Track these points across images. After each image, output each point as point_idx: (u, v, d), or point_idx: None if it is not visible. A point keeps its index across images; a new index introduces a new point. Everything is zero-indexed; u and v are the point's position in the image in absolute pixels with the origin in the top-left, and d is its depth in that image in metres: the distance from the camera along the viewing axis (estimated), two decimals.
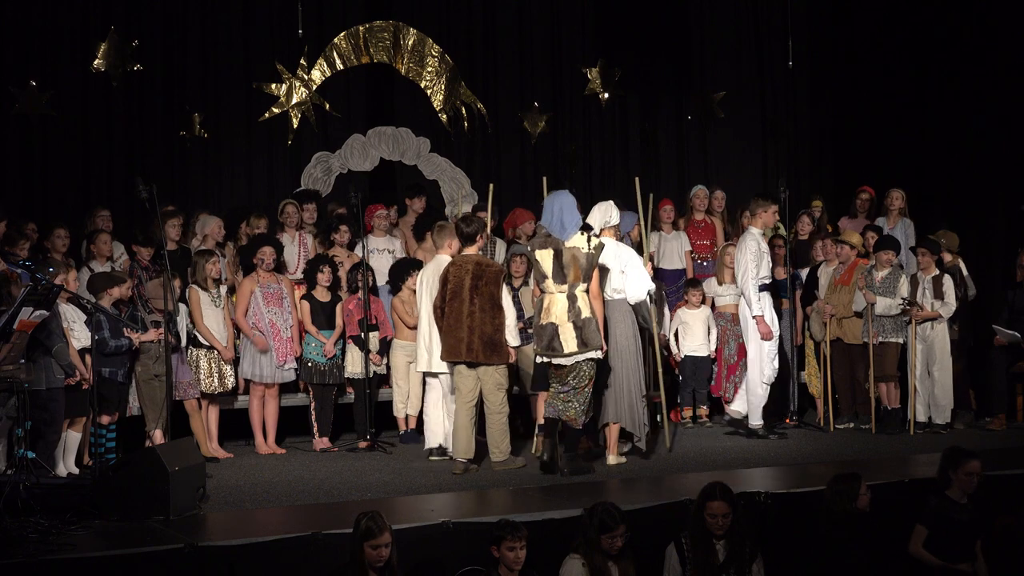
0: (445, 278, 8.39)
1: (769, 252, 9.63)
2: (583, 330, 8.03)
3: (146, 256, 9.35)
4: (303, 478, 8.26)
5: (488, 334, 8.24)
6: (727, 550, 6.19)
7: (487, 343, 8.25)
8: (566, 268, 8.09)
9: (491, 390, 8.34)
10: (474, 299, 8.25)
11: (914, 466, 8.20)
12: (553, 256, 8.13)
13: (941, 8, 12.28)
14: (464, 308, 8.24)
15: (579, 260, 8.07)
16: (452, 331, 8.28)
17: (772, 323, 9.48)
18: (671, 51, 13.29)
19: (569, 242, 8.12)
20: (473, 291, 8.25)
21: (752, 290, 9.43)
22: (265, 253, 9.44)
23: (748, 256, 9.45)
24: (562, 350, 8.07)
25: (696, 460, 8.74)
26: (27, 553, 5.79)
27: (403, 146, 12.27)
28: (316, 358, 9.50)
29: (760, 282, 9.45)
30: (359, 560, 5.61)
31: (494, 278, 8.30)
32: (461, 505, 7.28)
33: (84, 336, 8.12)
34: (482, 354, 8.25)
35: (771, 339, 9.47)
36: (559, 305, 8.10)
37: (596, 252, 8.09)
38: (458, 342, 8.26)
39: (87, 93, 11.01)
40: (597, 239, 8.19)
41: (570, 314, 8.05)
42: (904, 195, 10.98)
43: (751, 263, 9.43)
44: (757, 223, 9.65)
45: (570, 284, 8.10)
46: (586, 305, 8.07)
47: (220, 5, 11.59)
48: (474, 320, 8.23)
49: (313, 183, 11.77)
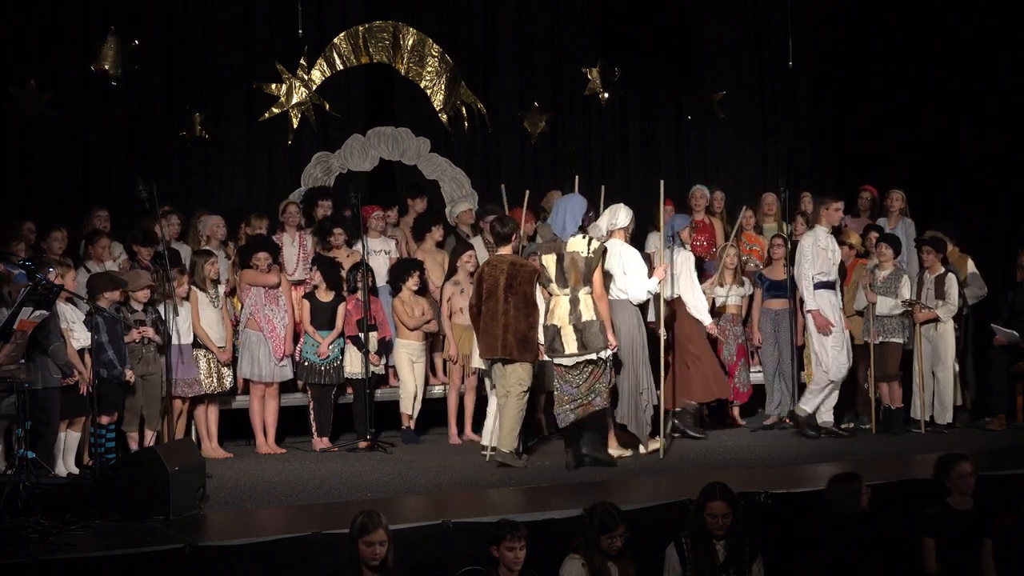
0: (480, 278, 8.68)
1: (832, 250, 9.63)
2: (584, 332, 8.19)
3: (146, 256, 9.35)
4: (303, 478, 8.26)
5: (522, 332, 8.52)
6: (727, 550, 6.18)
7: (520, 340, 8.51)
8: (567, 272, 8.27)
9: (512, 384, 8.56)
10: (508, 298, 8.52)
11: (914, 466, 8.20)
12: (556, 260, 8.33)
13: (941, 8, 12.28)
14: (499, 307, 8.52)
15: (578, 264, 8.24)
16: (489, 329, 8.57)
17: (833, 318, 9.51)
18: (671, 51, 13.29)
19: (570, 246, 8.31)
20: (508, 290, 8.52)
21: (807, 285, 9.51)
22: (260, 259, 9.41)
23: (806, 252, 9.55)
24: (563, 351, 8.25)
25: (696, 460, 8.73)
26: (27, 553, 5.80)
27: (403, 146, 12.27)
28: (314, 358, 9.50)
29: (818, 279, 9.52)
30: (356, 558, 5.61)
31: (528, 277, 8.56)
32: (461, 505, 7.28)
33: (84, 336, 8.13)
34: (516, 351, 8.51)
35: (828, 333, 9.48)
36: (562, 308, 8.28)
37: (596, 256, 8.24)
38: (494, 340, 8.54)
39: (87, 93, 11.01)
40: (598, 242, 8.32)
41: (571, 317, 8.23)
42: (904, 195, 10.98)
43: (808, 259, 9.52)
44: (822, 220, 9.69)
45: (572, 287, 8.27)
46: (589, 308, 8.23)
47: (220, 5, 11.59)
48: (508, 318, 8.50)
49: (313, 183, 11.76)
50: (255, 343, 9.36)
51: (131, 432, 8.71)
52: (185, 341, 9.01)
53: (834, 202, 9.74)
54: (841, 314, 9.70)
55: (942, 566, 6.58)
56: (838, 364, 9.58)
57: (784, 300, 10.20)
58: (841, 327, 9.63)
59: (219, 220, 10.07)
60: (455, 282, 9.83)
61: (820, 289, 9.58)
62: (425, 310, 9.85)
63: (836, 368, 9.58)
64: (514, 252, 8.80)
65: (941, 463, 6.78)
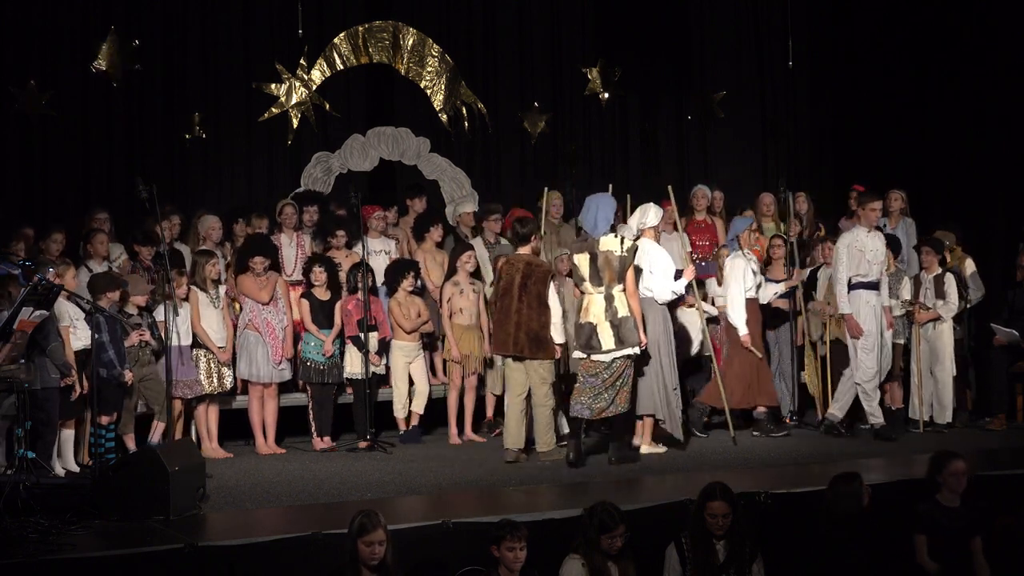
0: (498, 276, 8.95)
1: (872, 250, 9.55)
2: (620, 328, 8.41)
3: (147, 256, 9.36)
4: (303, 478, 8.26)
5: (534, 330, 8.68)
6: (727, 550, 6.18)
7: (533, 339, 8.69)
8: (601, 270, 8.49)
9: (536, 384, 8.74)
10: (523, 297, 8.71)
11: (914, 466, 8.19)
12: (589, 259, 8.54)
13: (941, 8, 12.28)
14: (513, 304, 8.72)
15: (612, 263, 8.46)
16: (502, 326, 8.79)
17: (867, 321, 9.44)
18: (671, 51, 13.29)
19: (603, 245, 8.52)
20: (522, 289, 8.72)
21: (841, 289, 9.47)
22: (256, 263, 9.40)
23: (841, 254, 9.51)
24: (600, 347, 8.45)
25: (696, 460, 8.74)
26: (27, 553, 5.80)
27: (403, 146, 12.27)
28: (315, 357, 9.50)
29: (856, 280, 9.46)
30: (355, 558, 5.61)
31: (542, 277, 8.76)
32: (461, 505, 7.28)
33: (85, 335, 8.13)
34: (528, 349, 8.70)
35: (859, 336, 9.44)
36: (597, 305, 8.48)
37: (629, 255, 8.48)
38: (507, 336, 8.74)
39: (87, 93, 11.01)
40: (631, 241, 8.56)
41: (607, 313, 8.44)
42: (904, 196, 10.97)
43: (843, 261, 9.48)
44: (861, 220, 9.64)
45: (606, 285, 8.48)
46: (623, 305, 8.45)
47: (220, 5, 11.59)
48: (521, 316, 8.69)
49: (313, 183, 11.77)
50: (253, 343, 9.36)
51: (127, 434, 8.71)
52: (185, 342, 9.00)
53: (871, 201, 9.63)
54: (884, 315, 9.60)
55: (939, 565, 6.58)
56: (864, 368, 9.49)
57: (783, 300, 10.19)
58: (878, 330, 9.51)
59: (216, 220, 10.06)
60: (455, 282, 9.83)
61: (858, 290, 9.47)
62: (421, 311, 9.84)
63: (863, 371, 9.49)
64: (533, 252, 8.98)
65: (935, 459, 6.79)
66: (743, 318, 9.62)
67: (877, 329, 9.53)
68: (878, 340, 9.53)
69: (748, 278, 9.70)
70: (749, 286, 9.71)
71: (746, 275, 9.69)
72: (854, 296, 9.50)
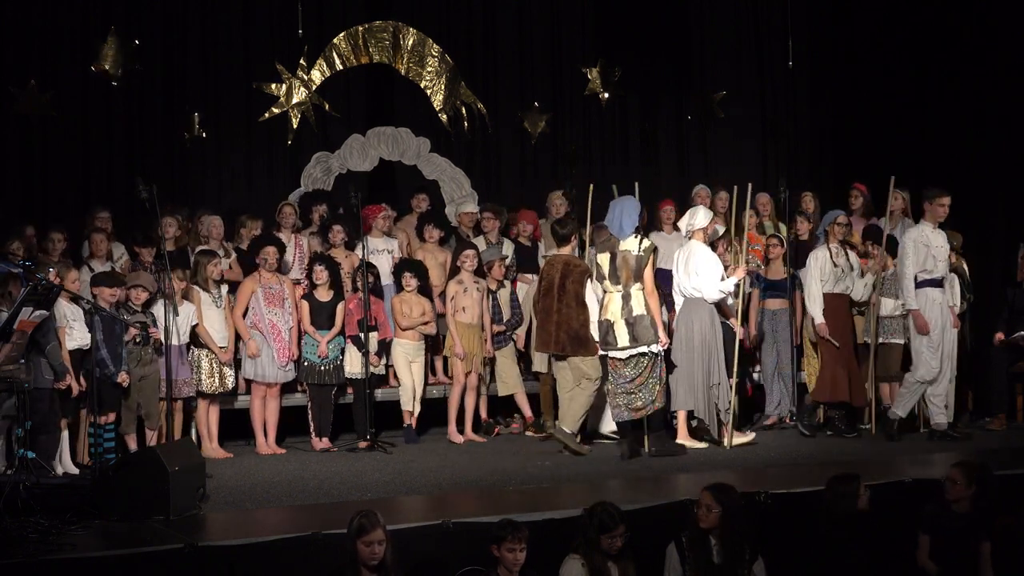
0: (540, 276, 9.32)
1: (938, 246, 9.49)
2: (634, 327, 8.70)
3: (147, 256, 9.36)
4: (303, 478, 8.26)
5: (574, 329, 8.99)
6: (727, 551, 6.18)
7: (572, 337, 9.00)
8: (619, 270, 8.79)
9: (581, 379, 9.05)
10: (562, 296, 9.03)
11: (914, 466, 8.21)
12: (610, 259, 8.86)
13: (941, 8, 12.27)
14: (553, 304, 9.05)
15: (629, 262, 8.76)
16: (543, 325, 9.15)
17: (933, 319, 9.37)
18: (671, 51, 13.28)
19: (623, 245, 8.81)
20: (561, 289, 9.03)
21: (908, 285, 9.40)
22: (269, 252, 9.44)
23: (908, 250, 9.43)
24: (616, 344, 8.76)
25: (696, 460, 8.74)
26: (27, 553, 5.79)
27: (403, 146, 12.27)
28: (313, 358, 9.50)
29: (922, 276, 9.40)
30: (354, 558, 5.61)
31: (579, 277, 9.05)
32: (461, 505, 7.28)
33: (81, 335, 8.13)
34: (568, 347, 9.03)
35: (927, 333, 9.37)
36: (614, 303, 8.80)
37: (646, 254, 8.77)
38: (548, 336, 9.09)
39: (87, 93, 11.01)
40: (648, 242, 8.88)
41: (623, 312, 8.74)
42: (905, 195, 10.96)
43: (910, 257, 9.40)
44: (926, 216, 9.56)
45: (624, 284, 8.78)
46: (640, 304, 8.73)
47: (220, 5, 11.59)
48: (561, 316, 9.02)
49: (313, 183, 11.77)
50: (259, 344, 9.35)
51: (129, 434, 8.72)
52: (184, 341, 9.00)
53: (940, 196, 9.48)
54: (950, 313, 9.55)
55: (940, 566, 6.58)
56: (928, 367, 9.41)
57: (782, 300, 10.20)
58: (942, 328, 9.45)
59: (217, 220, 10.07)
60: (459, 281, 9.85)
61: (925, 287, 9.40)
62: (426, 311, 9.85)
63: (926, 370, 9.41)
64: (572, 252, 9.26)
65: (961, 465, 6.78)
66: (820, 308, 9.63)
67: (942, 327, 9.44)
68: (942, 338, 9.42)
69: (827, 270, 9.68)
70: (827, 278, 9.68)
71: (824, 267, 9.67)
72: (920, 293, 9.38)
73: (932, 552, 6.62)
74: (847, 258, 9.85)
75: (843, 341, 9.75)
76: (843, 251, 9.85)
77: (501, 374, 10.06)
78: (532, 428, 10.10)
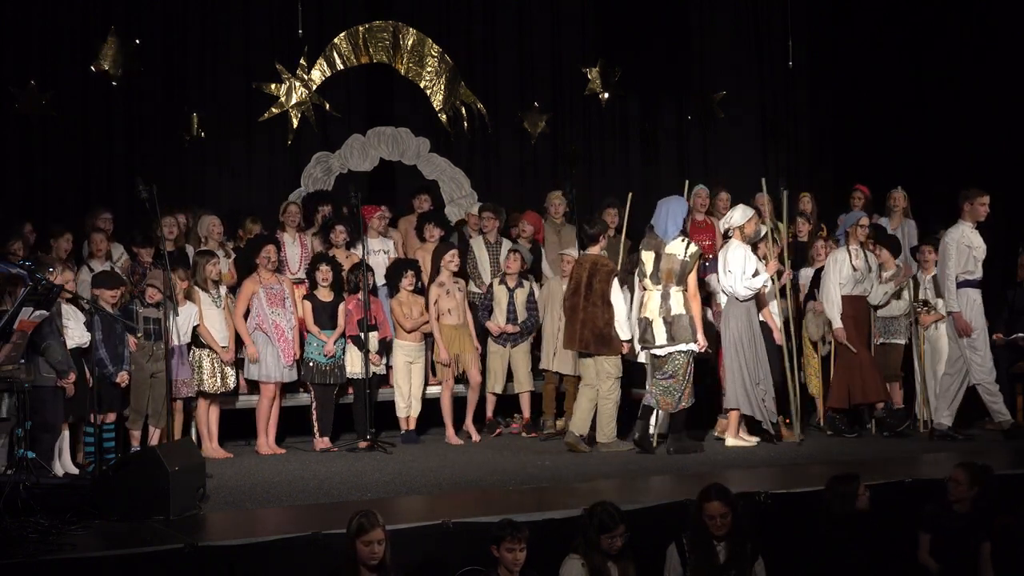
0: (570, 275, 9.48)
1: (978, 246, 9.39)
2: (672, 325, 8.87)
3: (147, 256, 9.36)
4: (303, 478, 8.26)
5: (599, 327, 9.10)
6: (728, 551, 6.17)
7: (597, 336, 9.10)
8: (661, 270, 8.93)
9: (602, 378, 9.16)
10: (588, 295, 9.13)
11: (914, 466, 8.20)
12: (654, 258, 9.00)
13: (941, 8, 12.28)
14: (580, 303, 9.16)
15: (673, 266, 8.90)
16: (570, 323, 9.27)
17: (975, 319, 9.28)
18: (671, 51, 13.30)
19: (669, 248, 8.94)
20: (588, 288, 9.14)
21: (950, 286, 9.31)
22: (270, 251, 9.44)
23: (950, 250, 9.32)
24: (654, 342, 8.93)
25: (696, 460, 8.73)
26: (27, 553, 5.79)
27: (403, 146, 12.28)
28: (318, 358, 9.50)
29: (963, 278, 9.31)
30: (353, 558, 5.61)
31: (605, 276, 9.15)
32: (461, 505, 7.28)
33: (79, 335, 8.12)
34: (592, 345, 9.14)
35: (969, 335, 9.29)
36: (653, 302, 8.97)
37: (692, 260, 8.92)
38: (573, 334, 9.21)
39: (87, 93, 11.02)
40: (695, 247, 8.97)
41: (662, 310, 8.91)
42: (906, 195, 10.96)
43: (952, 258, 9.30)
44: (966, 216, 9.45)
45: (664, 284, 8.93)
46: (679, 303, 8.89)
47: (220, 5, 11.60)
48: (586, 314, 9.12)
49: (313, 183, 11.78)
50: (261, 344, 9.36)
51: (135, 430, 8.72)
52: (184, 342, 9.00)
53: (979, 196, 9.37)
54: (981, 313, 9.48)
55: (941, 565, 6.58)
56: (979, 367, 9.34)
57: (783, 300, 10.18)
58: (985, 328, 9.39)
59: (216, 220, 10.07)
60: (439, 283, 9.85)
61: (965, 288, 9.32)
62: (423, 310, 9.85)
63: (978, 371, 9.34)
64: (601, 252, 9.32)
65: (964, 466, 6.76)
66: (838, 312, 9.54)
67: (984, 326, 9.38)
68: (983, 338, 9.35)
69: (846, 272, 9.56)
70: (845, 280, 9.58)
71: (843, 269, 9.56)
72: (961, 294, 9.29)
73: (932, 552, 6.63)
74: (866, 260, 9.74)
75: (860, 345, 9.65)
76: (863, 253, 9.73)
77: (515, 372, 10.07)
78: (525, 429, 10.12)
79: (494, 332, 10.04)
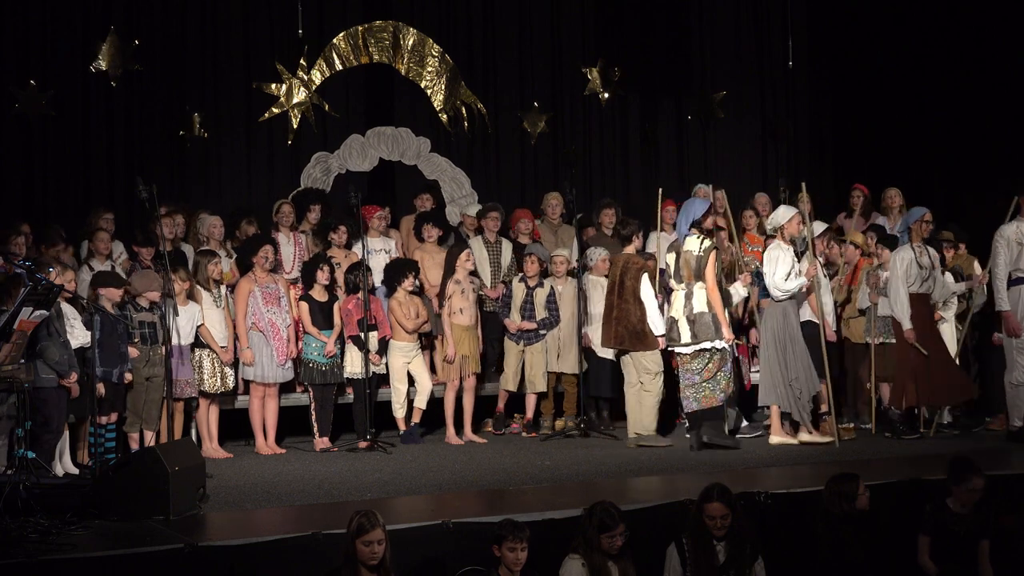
0: (607, 275, 9.73)
1: None
2: (695, 324, 9.01)
3: (147, 256, 9.36)
4: (303, 478, 8.26)
5: (633, 324, 9.34)
6: (728, 551, 6.18)
7: (632, 333, 9.35)
8: (681, 269, 9.12)
9: (642, 374, 9.40)
10: (621, 292, 9.39)
11: (914, 467, 8.20)
12: (675, 258, 9.19)
13: (941, 8, 12.28)
14: (615, 301, 9.42)
15: (690, 262, 9.05)
16: (607, 321, 9.52)
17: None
18: (671, 51, 13.30)
19: (686, 245, 9.10)
20: (620, 286, 9.39)
21: (1001, 284, 9.20)
22: (268, 251, 9.44)
23: (1000, 249, 9.21)
24: (679, 340, 9.09)
25: (696, 460, 8.73)
26: (27, 553, 5.79)
27: (403, 146, 12.27)
28: (317, 358, 9.50)
29: (1015, 275, 9.19)
30: (353, 558, 5.61)
31: (635, 274, 9.38)
32: (461, 505, 7.28)
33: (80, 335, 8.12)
34: (628, 342, 9.40)
35: (1018, 335, 9.16)
36: (678, 301, 9.14)
37: (705, 254, 9.01)
38: (609, 331, 9.47)
39: (87, 93, 11.02)
40: (709, 242, 9.08)
41: (685, 309, 9.07)
42: (901, 192, 10.94)
43: (1002, 256, 9.19)
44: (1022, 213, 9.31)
45: (686, 283, 9.08)
46: (701, 301, 9.01)
47: (220, 5, 11.60)
48: (620, 312, 9.38)
49: (312, 183, 11.77)
50: (257, 344, 9.36)
51: (132, 433, 8.73)
52: (185, 342, 9.00)
53: None
54: None
55: (940, 566, 6.58)
56: (1021, 368, 9.21)
57: None
58: None
59: (217, 220, 10.07)
60: (456, 281, 9.85)
61: (1018, 286, 9.17)
62: (420, 311, 9.84)
63: (1021, 371, 9.21)
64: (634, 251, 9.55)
65: (957, 467, 6.71)
66: (906, 312, 9.28)
67: None
68: None
69: (912, 272, 9.34)
70: (913, 279, 9.35)
71: (910, 268, 9.34)
72: (1012, 292, 9.17)
73: (932, 552, 6.62)
74: (929, 257, 9.51)
75: (931, 344, 9.35)
76: (926, 250, 9.50)
77: (529, 372, 10.07)
78: (525, 429, 10.12)
79: (511, 329, 10.08)
